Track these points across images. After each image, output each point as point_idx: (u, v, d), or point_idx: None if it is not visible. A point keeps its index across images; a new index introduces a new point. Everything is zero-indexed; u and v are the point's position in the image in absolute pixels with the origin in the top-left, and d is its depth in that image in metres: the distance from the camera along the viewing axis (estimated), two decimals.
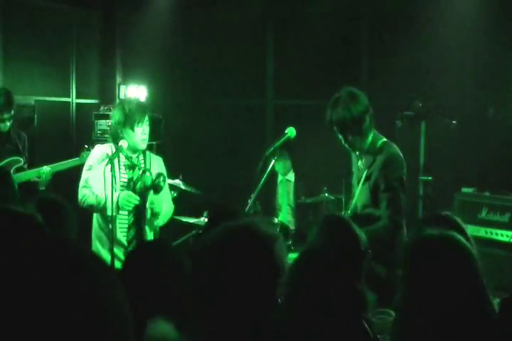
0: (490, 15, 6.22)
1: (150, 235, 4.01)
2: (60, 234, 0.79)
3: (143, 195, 3.87)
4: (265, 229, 1.57)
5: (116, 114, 3.94)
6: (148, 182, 3.83)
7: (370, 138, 3.61)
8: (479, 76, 6.32)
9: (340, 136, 3.65)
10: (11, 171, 4.57)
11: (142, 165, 3.97)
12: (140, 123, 3.90)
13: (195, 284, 1.50)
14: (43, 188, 4.68)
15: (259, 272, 1.49)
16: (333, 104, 3.60)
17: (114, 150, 3.89)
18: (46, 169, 4.64)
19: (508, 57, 6.16)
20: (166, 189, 4.03)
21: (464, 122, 5.94)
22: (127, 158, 3.94)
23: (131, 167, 3.93)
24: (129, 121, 3.87)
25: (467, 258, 1.92)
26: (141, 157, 4.01)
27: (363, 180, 3.62)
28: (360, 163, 3.73)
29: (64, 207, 2.88)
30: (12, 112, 4.81)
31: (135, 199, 3.82)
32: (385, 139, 3.66)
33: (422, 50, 6.52)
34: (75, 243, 0.74)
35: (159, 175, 3.88)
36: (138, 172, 3.91)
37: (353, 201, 3.70)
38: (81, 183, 3.91)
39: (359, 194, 3.66)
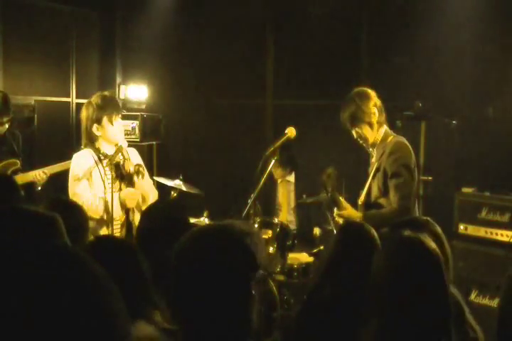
0: (489, 15, 6.22)
1: (137, 216, 3.95)
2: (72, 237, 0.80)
3: (129, 181, 3.84)
4: (239, 226, 1.61)
5: (88, 113, 3.81)
6: (130, 168, 3.80)
7: (381, 134, 3.76)
8: (479, 76, 6.31)
9: (353, 132, 3.80)
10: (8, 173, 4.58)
11: (121, 158, 3.87)
12: (116, 116, 3.84)
13: (174, 282, 1.54)
14: (39, 188, 4.68)
15: (235, 269, 1.52)
16: (344, 101, 3.81)
17: (94, 155, 3.84)
18: (42, 175, 4.63)
19: (507, 57, 6.16)
20: (147, 176, 4.01)
21: (464, 122, 5.93)
22: (108, 157, 3.83)
23: (114, 166, 3.82)
24: (105, 115, 3.79)
25: (432, 262, 1.92)
26: (119, 153, 3.88)
27: (373, 172, 3.73)
28: (373, 159, 3.83)
29: (81, 210, 2.89)
30: (10, 115, 4.79)
31: (137, 194, 3.81)
32: (395, 134, 3.82)
33: (422, 50, 6.52)
34: (75, 248, 0.75)
35: (137, 163, 3.87)
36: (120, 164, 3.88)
37: (364, 193, 3.79)
38: (72, 194, 3.78)
39: (370, 186, 3.77)
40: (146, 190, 3.93)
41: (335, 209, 3.81)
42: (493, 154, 6.08)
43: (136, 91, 7.21)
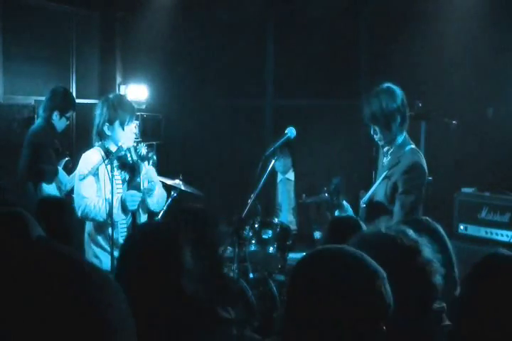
0: (490, 15, 6.22)
1: (144, 218, 3.95)
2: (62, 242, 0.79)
3: (137, 166, 3.81)
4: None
5: (103, 112, 3.79)
6: (140, 152, 3.79)
7: (399, 140, 3.69)
8: (479, 76, 6.31)
9: (371, 127, 3.73)
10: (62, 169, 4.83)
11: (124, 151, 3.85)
12: (130, 122, 3.83)
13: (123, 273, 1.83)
14: None
15: (161, 263, 1.80)
16: (370, 96, 3.70)
17: (103, 153, 3.82)
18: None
19: (507, 57, 6.16)
20: (154, 173, 3.98)
21: (464, 122, 5.93)
22: (118, 158, 3.80)
23: (123, 166, 3.81)
24: (119, 119, 3.78)
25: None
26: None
27: (382, 177, 3.70)
28: (385, 159, 3.79)
29: (67, 207, 2.88)
30: (74, 110, 5.15)
31: (138, 196, 3.76)
32: (413, 146, 3.73)
33: (422, 50, 6.52)
34: (74, 254, 0.74)
35: (148, 148, 3.88)
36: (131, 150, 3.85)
37: (369, 193, 3.77)
38: (77, 194, 3.81)
39: (376, 189, 3.74)
40: (154, 177, 3.93)
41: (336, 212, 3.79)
42: (493, 154, 6.08)
43: (136, 91, 7.20)
